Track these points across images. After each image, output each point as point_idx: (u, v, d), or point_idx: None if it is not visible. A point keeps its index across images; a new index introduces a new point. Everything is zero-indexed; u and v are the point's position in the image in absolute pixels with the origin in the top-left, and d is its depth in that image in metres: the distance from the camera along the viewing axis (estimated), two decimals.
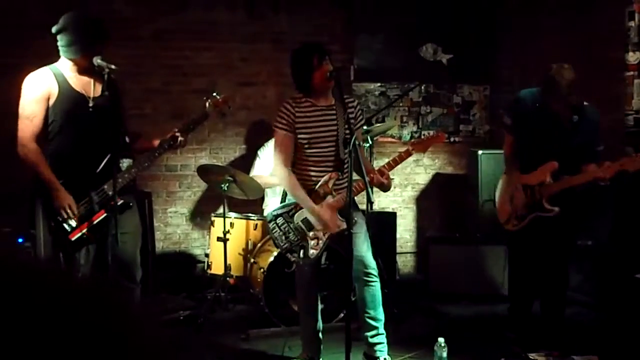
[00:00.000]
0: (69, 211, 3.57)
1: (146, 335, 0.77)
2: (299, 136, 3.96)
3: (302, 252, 3.96)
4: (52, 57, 3.79)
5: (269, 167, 5.59)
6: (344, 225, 3.79)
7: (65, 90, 3.66)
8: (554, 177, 4.26)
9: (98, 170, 3.65)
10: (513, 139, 4.47)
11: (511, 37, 6.87)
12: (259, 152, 5.91)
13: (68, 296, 0.72)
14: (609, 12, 5.69)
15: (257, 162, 5.86)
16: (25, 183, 3.75)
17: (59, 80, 3.66)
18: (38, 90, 3.64)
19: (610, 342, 4.58)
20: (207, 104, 4.06)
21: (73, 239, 3.59)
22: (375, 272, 4.05)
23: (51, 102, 3.65)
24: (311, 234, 3.96)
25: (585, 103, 4.24)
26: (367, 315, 4.09)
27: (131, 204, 3.77)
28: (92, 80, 3.71)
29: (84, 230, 3.62)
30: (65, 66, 3.71)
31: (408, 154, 4.08)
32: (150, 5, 6.22)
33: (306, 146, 3.96)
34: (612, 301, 5.13)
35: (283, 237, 4.02)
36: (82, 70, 3.71)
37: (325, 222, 3.94)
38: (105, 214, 3.65)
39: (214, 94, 4.10)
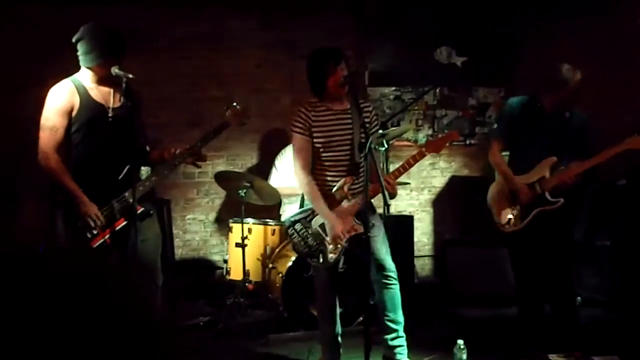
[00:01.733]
0: (95, 218, 3.63)
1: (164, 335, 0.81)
2: (315, 140, 3.98)
3: (321, 256, 3.98)
4: (72, 68, 3.85)
5: (286, 178, 5.62)
6: (362, 229, 3.81)
7: (86, 101, 3.73)
8: (553, 171, 4.30)
9: (119, 178, 3.70)
10: (499, 143, 4.52)
11: (527, 39, 6.86)
12: (275, 162, 5.93)
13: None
14: (627, 11, 5.67)
15: (274, 174, 5.88)
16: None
17: (80, 91, 3.73)
18: (61, 103, 3.70)
19: (631, 342, 4.55)
20: (226, 114, 4.10)
21: (94, 246, 3.63)
22: (394, 274, 4.06)
23: (73, 113, 3.71)
24: (329, 238, 3.99)
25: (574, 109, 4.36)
26: (386, 318, 4.09)
27: (151, 212, 3.81)
28: (111, 91, 3.77)
29: (106, 237, 3.66)
30: (85, 77, 3.77)
31: (422, 155, 4.09)
32: (166, 15, 6.28)
33: (321, 150, 3.99)
34: (631, 301, 5.11)
35: (302, 243, 4.04)
36: (101, 81, 3.77)
37: (336, 234, 3.94)
38: (125, 222, 3.70)
39: (234, 104, 4.14)
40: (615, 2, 5.76)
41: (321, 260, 3.99)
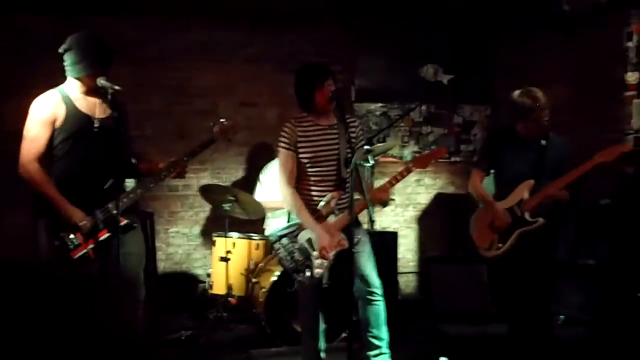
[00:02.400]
0: (79, 221, 3.59)
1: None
2: (301, 155, 3.98)
3: (307, 271, 3.96)
4: (56, 78, 3.83)
5: (270, 192, 5.60)
6: (348, 244, 3.80)
7: (72, 111, 3.70)
8: (531, 194, 4.32)
9: (103, 189, 3.66)
10: (480, 173, 4.54)
11: (511, 58, 6.91)
12: (260, 177, 5.92)
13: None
14: (608, 32, 5.73)
15: (259, 188, 5.87)
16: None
17: (66, 102, 3.70)
18: (44, 113, 3.67)
19: None
20: (214, 129, 4.09)
21: (76, 256, 3.59)
22: (379, 291, 4.05)
23: (57, 124, 3.68)
24: (315, 253, 3.97)
25: (550, 134, 4.37)
26: (370, 334, 4.07)
27: (135, 225, 3.78)
28: (98, 101, 3.74)
29: (88, 248, 3.62)
30: (72, 87, 3.75)
31: (409, 170, 4.10)
32: (152, 26, 6.27)
33: (308, 165, 3.98)
34: (615, 320, 5.12)
35: (288, 257, 4.02)
36: (88, 91, 3.75)
37: (323, 246, 3.93)
38: (108, 233, 3.66)
39: (221, 120, 4.13)
40: (598, 23, 5.82)
41: (307, 275, 3.96)
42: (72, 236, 3.60)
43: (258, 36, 6.54)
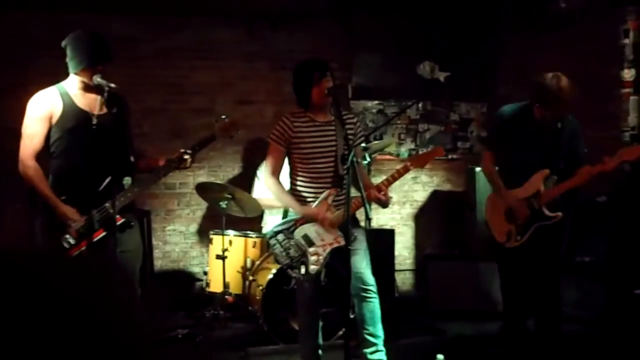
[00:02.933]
0: (73, 219, 3.59)
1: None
2: (296, 151, 3.99)
3: (303, 268, 3.96)
4: (54, 76, 3.83)
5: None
6: (344, 242, 3.80)
7: (69, 107, 3.70)
8: (546, 184, 4.25)
9: (100, 188, 3.66)
10: (491, 154, 4.45)
11: (508, 55, 6.92)
12: (258, 173, 5.92)
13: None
14: (605, 29, 5.74)
15: (257, 184, 5.87)
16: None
17: (63, 98, 3.71)
18: (40, 110, 3.68)
19: (611, 358, 4.56)
20: (215, 127, 4.07)
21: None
22: (374, 288, 4.05)
23: (54, 120, 3.68)
24: (311, 249, 3.97)
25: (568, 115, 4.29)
26: (366, 331, 4.08)
27: (132, 223, 3.77)
28: (98, 98, 3.73)
29: (83, 248, 3.61)
30: (72, 83, 3.76)
31: (406, 169, 4.09)
32: (149, 24, 6.26)
33: (304, 162, 3.99)
34: (612, 317, 5.13)
35: (284, 253, 4.02)
36: (88, 88, 3.74)
37: (320, 220, 3.93)
38: (104, 233, 3.65)
39: (222, 117, 4.12)
40: (594, 20, 5.83)
41: (303, 271, 3.96)
42: (67, 236, 3.60)
43: (255, 34, 6.53)
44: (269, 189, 4.12)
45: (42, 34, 5.81)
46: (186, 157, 3.88)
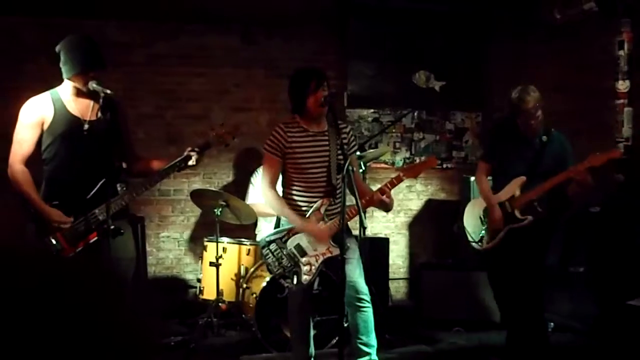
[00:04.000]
0: (60, 220, 3.58)
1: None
2: (290, 161, 3.98)
3: (295, 277, 3.95)
4: (47, 81, 3.83)
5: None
6: (337, 251, 3.79)
7: (61, 113, 3.69)
8: (522, 190, 4.37)
9: (91, 194, 3.64)
10: (485, 164, 4.64)
11: (503, 65, 6.94)
12: (252, 179, 5.91)
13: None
14: (599, 40, 5.76)
15: (251, 190, 5.86)
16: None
17: (55, 104, 3.70)
18: (31, 117, 3.68)
19: None
20: (211, 134, 4.04)
21: None
22: (367, 297, 4.05)
23: (45, 126, 3.68)
24: (304, 259, 3.96)
25: (552, 130, 4.41)
26: (359, 341, 4.07)
27: (122, 231, 3.71)
28: (91, 104, 3.72)
29: (71, 254, 3.59)
30: (65, 89, 3.75)
31: (399, 179, 4.09)
32: (144, 30, 6.26)
33: (297, 171, 3.98)
34: (605, 328, 5.13)
35: (276, 263, 4.01)
36: (81, 93, 3.73)
37: (316, 235, 3.94)
38: (96, 237, 3.64)
39: (220, 124, 4.11)
40: (589, 32, 5.85)
41: (295, 281, 3.96)
42: (54, 241, 3.58)
43: (251, 41, 6.53)
44: (268, 202, 4.10)
45: (36, 39, 5.81)
46: (192, 154, 3.84)
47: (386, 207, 4.09)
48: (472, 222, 4.65)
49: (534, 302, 4.46)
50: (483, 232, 4.56)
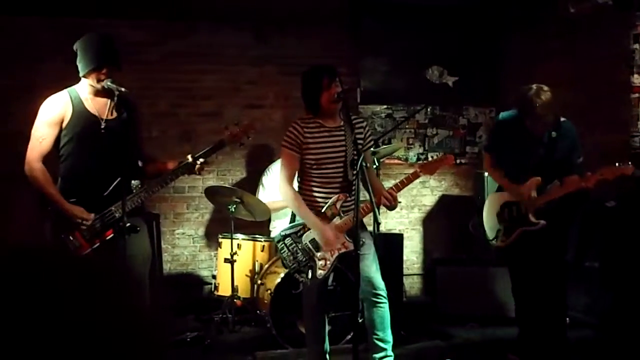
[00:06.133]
0: (82, 217, 3.61)
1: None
2: (307, 157, 3.98)
3: (310, 272, 3.97)
4: (63, 80, 3.86)
5: (272, 195, 5.60)
6: (352, 246, 3.80)
7: (79, 111, 3.72)
8: (538, 191, 4.33)
9: (107, 192, 3.67)
10: (491, 155, 4.62)
11: (516, 60, 6.91)
12: (262, 180, 5.90)
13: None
14: (614, 35, 5.72)
15: (261, 191, 5.85)
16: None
17: (74, 102, 3.73)
18: (51, 114, 3.70)
19: None
20: (225, 133, 4.07)
21: None
22: (384, 293, 4.05)
23: (64, 124, 3.71)
24: (319, 254, 3.97)
25: (562, 119, 4.34)
26: (375, 336, 4.07)
27: (138, 228, 3.73)
28: (108, 102, 3.75)
29: (88, 250, 3.62)
30: (83, 87, 3.78)
31: (416, 175, 4.11)
32: (157, 29, 6.29)
33: (314, 167, 3.99)
34: (621, 323, 5.11)
35: (291, 257, 4.02)
36: (98, 92, 3.76)
37: (327, 240, 3.94)
38: (112, 235, 3.67)
39: (235, 123, 4.12)
40: (603, 26, 5.81)
41: (310, 276, 3.97)
42: (72, 239, 3.62)
43: (264, 39, 6.54)
44: (286, 199, 4.09)
45: (51, 39, 5.85)
46: (193, 161, 3.88)
47: (389, 207, 4.09)
48: (489, 219, 4.63)
49: (557, 299, 4.44)
50: (499, 229, 4.54)
